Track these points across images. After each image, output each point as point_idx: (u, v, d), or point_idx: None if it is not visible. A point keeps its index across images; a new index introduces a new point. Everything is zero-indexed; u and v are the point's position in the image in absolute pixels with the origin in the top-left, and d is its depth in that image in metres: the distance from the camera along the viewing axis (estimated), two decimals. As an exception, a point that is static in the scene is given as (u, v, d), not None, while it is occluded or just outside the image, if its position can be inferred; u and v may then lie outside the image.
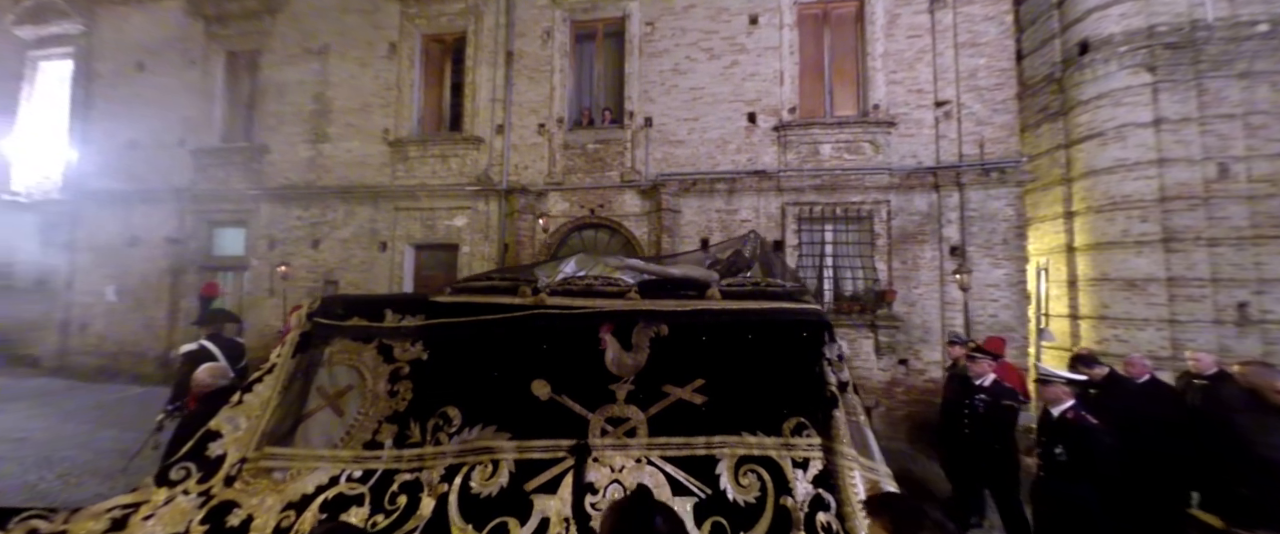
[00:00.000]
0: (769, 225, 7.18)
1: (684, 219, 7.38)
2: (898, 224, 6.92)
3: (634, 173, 7.59)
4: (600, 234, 7.85)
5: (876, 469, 1.84)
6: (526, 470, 1.87)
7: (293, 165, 8.76)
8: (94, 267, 9.26)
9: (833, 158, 7.13)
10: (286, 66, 8.92)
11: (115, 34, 9.65)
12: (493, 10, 8.23)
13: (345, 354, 2.21)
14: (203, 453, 1.99)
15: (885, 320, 6.63)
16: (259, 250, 8.73)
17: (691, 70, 7.56)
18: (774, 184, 7.16)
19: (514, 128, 8.02)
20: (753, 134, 7.35)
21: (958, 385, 4.07)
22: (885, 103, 7.07)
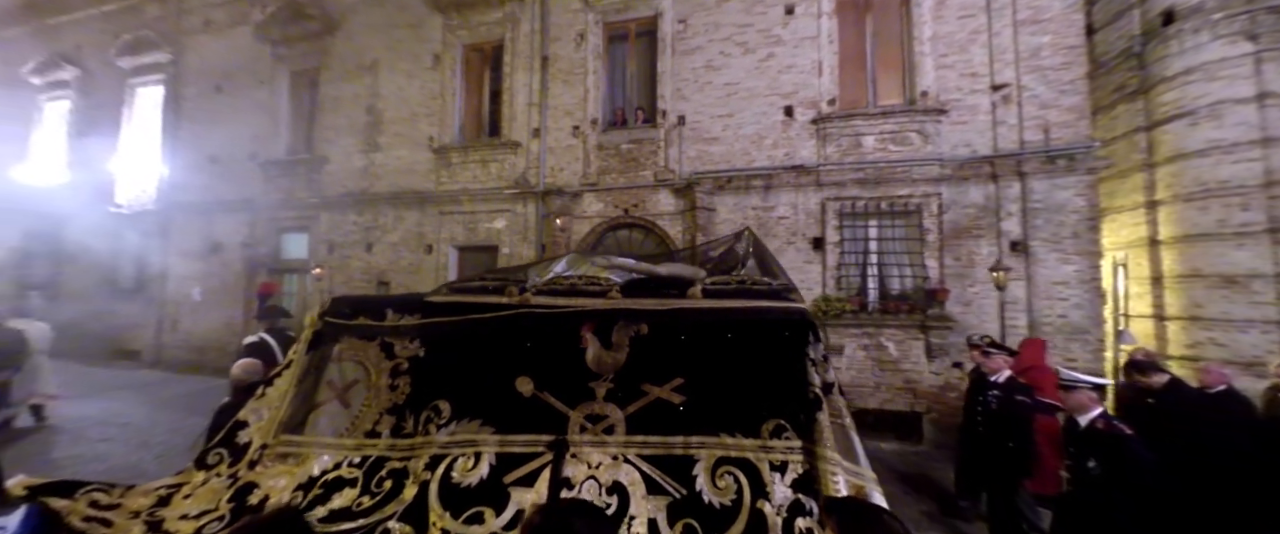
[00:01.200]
0: (808, 222, 6.81)
1: (719, 217, 7.12)
2: (950, 218, 6.36)
3: (668, 172, 7.41)
4: (635, 234, 7.73)
5: (862, 474, 1.75)
6: (506, 463, 1.90)
7: (348, 174, 9.20)
8: (182, 270, 10.11)
9: (877, 149, 6.66)
10: (342, 82, 9.37)
11: (197, 60, 10.50)
12: (528, 17, 8.28)
13: (352, 351, 2.31)
14: (233, 440, 2.16)
15: (937, 321, 6.11)
16: (320, 254, 9.23)
17: (725, 66, 7.29)
18: (813, 179, 6.77)
19: (549, 131, 8.04)
20: (790, 128, 6.99)
21: (974, 383, 3.90)
22: (935, 89, 6.51)
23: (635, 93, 7.96)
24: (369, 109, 9.11)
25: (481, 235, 8.28)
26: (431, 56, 8.78)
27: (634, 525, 1.70)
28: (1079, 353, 5.83)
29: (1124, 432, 2.40)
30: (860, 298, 6.63)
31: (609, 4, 7.86)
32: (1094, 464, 2.39)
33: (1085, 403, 2.55)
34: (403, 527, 1.75)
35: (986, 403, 3.53)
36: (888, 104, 6.77)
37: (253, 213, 9.69)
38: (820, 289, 6.68)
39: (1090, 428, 2.48)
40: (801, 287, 6.73)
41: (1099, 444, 2.42)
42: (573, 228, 7.76)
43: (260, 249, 9.66)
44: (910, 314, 6.30)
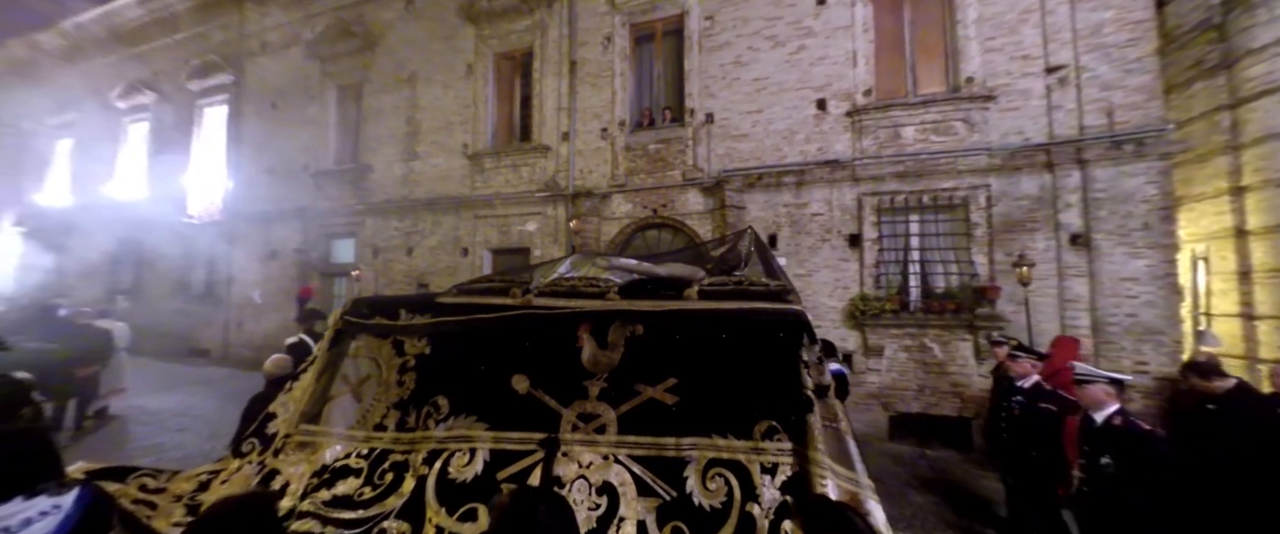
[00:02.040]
0: (844, 218, 6.47)
1: (749, 215, 6.88)
2: (1000, 211, 5.88)
3: (696, 170, 7.23)
4: (663, 234, 7.59)
5: (856, 480, 1.67)
6: (500, 460, 1.91)
7: (390, 182, 9.52)
8: (245, 275, 10.76)
9: (917, 141, 6.24)
10: (383, 94, 9.72)
11: (256, 80, 11.16)
12: (556, 23, 8.30)
13: (367, 348, 2.40)
14: (264, 430, 2.28)
15: (987, 321, 5.65)
16: (365, 258, 9.60)
17: (754, 61, 7.04)
18: (848, 174, 6.43)
19: (578, 134, 8.03)
20: (822, 122, 6.67)
21: (999, 388, 3.72)
22: (981, 75, 6.04)
23: (662, 92, 7.82)
24: (408, 119, 9.40)
25: (514, 238, 8.37)
26: (465, 66, 8.95)
27: (623, 527, 1.67)
28: (1151, 356, 5.24)
29: (1142, 429, 2.26)
30: (901, 297, 6.23)
31: (635, 5, 7.76)
32: (1108, 461, 2.26)
33: (1101, 398, 2.40)
34: (400, 524, 1.77)
35: (1010, 408, 3.35)
36: (929, 93, 6.34)
37: (305, 220, 10.19)
38: (857, 287, 6.32)
39: (1107, 425, 2.35)
40: (837, 285, 6.42)
41: (1116, 442, 2.28)
42: (601, 229, 7.71)
43: (312, 254, 10.14)
44: (957, 314, 5.86)
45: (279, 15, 10.88)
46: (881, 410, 6.16)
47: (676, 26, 7.60)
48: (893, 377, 6.11)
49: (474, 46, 8.89)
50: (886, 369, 6.15)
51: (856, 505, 1.59)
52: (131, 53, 12.91)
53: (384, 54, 9.73)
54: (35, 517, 1.41)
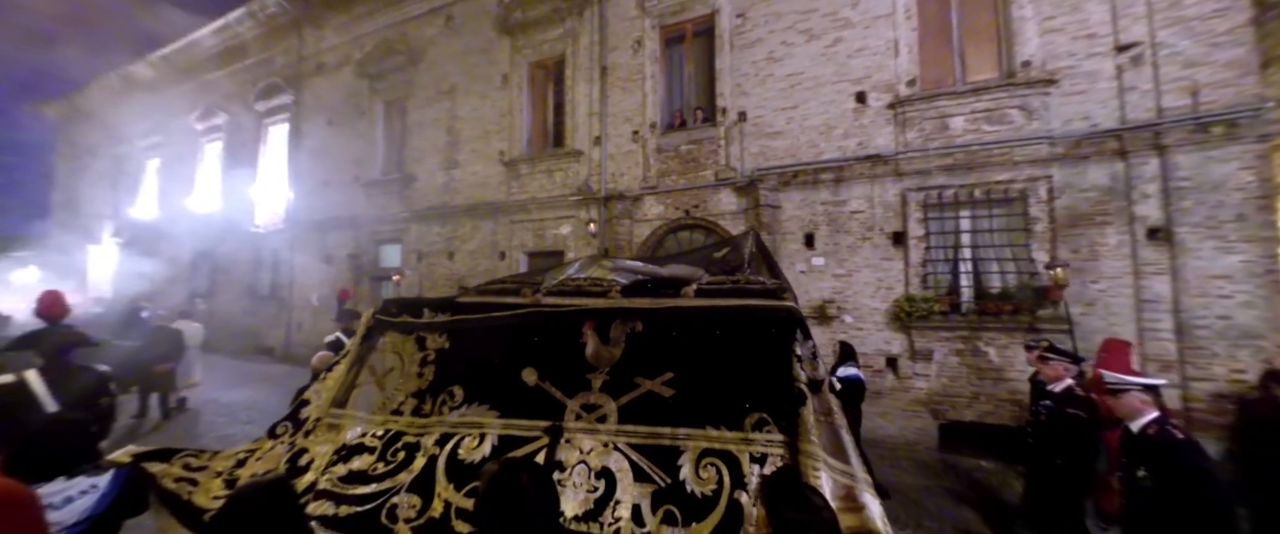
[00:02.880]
0: (886, 215, 6.08)
1: (785, 214, 6.61)
2: (1064, 204, 5.34)
3: (729, 170, 7.02)
4: (696, 234, 7.42)
5: (852, 474, 1.68)
6: (507, 444, 2.01)
7: (432, 190, 9.83)
8: (304, 279, 11.41)
9: (967, 131, 5.79)
10: (426, 107, 10.06)
11: (313, 99, 11.84)
12: (587, 30, 8.32)
13: (393, 343, 2.55)
14: (297, 415, 2.47)
15: (1051, 323, 5.15)
16: (411, 262, 9.95)
17: (788, 56, 6.76)
18: (891, 168, 6.04)
19: (609, 138, 7.99)
20: (862, 115, 6.31)
21: (1033, 393, 3.54)
22: (1040, 57, 5.53)
23: (693, 93, 7.66)
24: (448, 129, 9.68)
25: (549, 241, 8.42)
26: (500, 77, 9.12)
27: (618, 509, 1.74)
28: (1249, 362, 4.60)
29: (1175, 437, 2.10)
30: (951, 297, 5.79)
31: (665, 7, 7.65)
32: (1144, 474, 2.13)
33: (1137, 407, 2.23)
34: (411, 498, 1.87)
35: (1037, 414, 3.16)
36: (980, 80, 5.87)
37: (356, 227, 10.69)
38: (902, 288, 5.93)
39: (1142, 435, 2.20)
40: (880, 286, 6.04)
41: (1150, 452, 2.14)
42: (633, 231, 7.62)
43: (362, 259, 10.62)
44: (1015, 315, 5.37)
45: (332, 38, 11.50)
46: (930, 418, 5.73)
47: (707, 26, 7.43)
48: (943, 382, 5.67)
49: (509, 57, 9.04)
50: (936, 374, 5.72)
51: (852, 499, 1.61)
52: (208, 79, 14.02)
53: (426, 69, 10.07)
54: (75, 495, 1.59)
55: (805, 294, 6.39)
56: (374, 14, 10.83)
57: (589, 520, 1.72)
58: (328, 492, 1.95)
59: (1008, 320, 5.38)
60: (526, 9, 8.77)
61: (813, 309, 6.31)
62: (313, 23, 11.78)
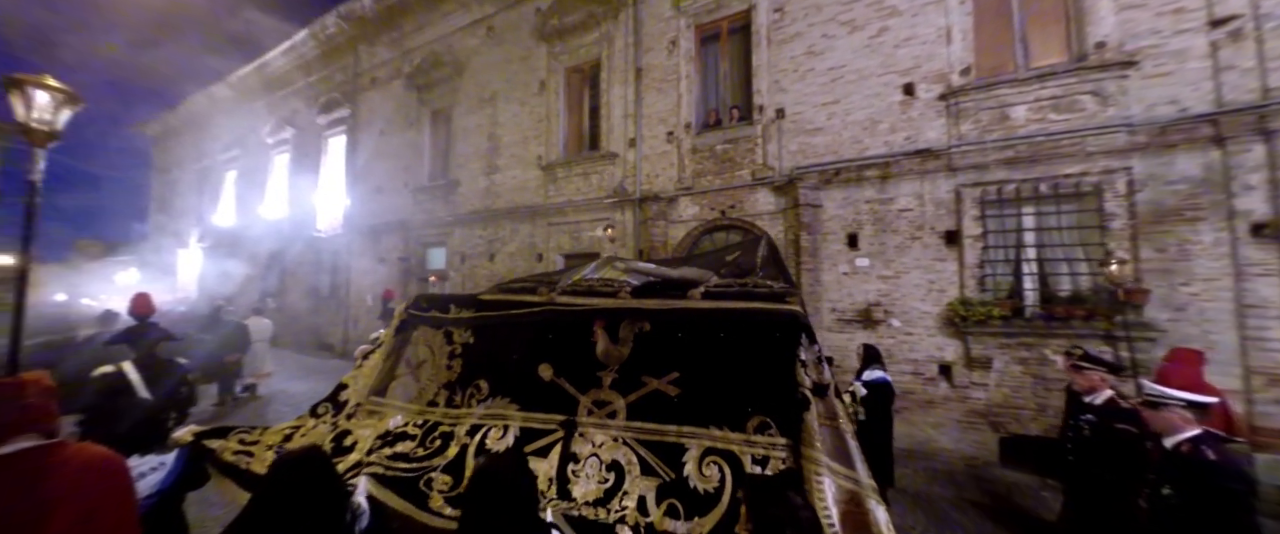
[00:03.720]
0: (938, 213, 5.67)
1: (826, 214, 6.30)
2: (1147, 198, 4.77)
3: (766, 169, 6.78)
4: (732, 235, 7.21)
5: (856, 479, 1.66)
6: (528, 436, 2.12)
7: (474, 194, 10.13)
8: (360, 280, 12.06)
9: (1031, 121, 5.29)
10: (469, 115, 10.39)
11: (367, 111, 12.52)
12: (622, 32, 8.30)
13: (424, 336, 2.70)
14: (336, 398, 2.68)
15: (1134, 330, 4.61)
16: (455, 264, 10.29)
17: (829, 49, 6.45)
18: (943, 163, 5.62)
19: (644, 139, 7.92)
20: (910, 108, 5.92)
21: (1069, 404, 3.22)
22: (1116, 37, 4.97)
23: (729, 91, 7.47)
24: (489, 136, 9.94)
25: (585, 243, 8.46)
26: (538, 83, 9.27)
27: (625, 501, 1.80)
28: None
29: (1206, 456, 1.97)
30: (1012, 301, 5.31)
31: (700, 6, 7.50)
32: (1169, 492, 2.03)
33: (1176, 424, 2.11)
34: (444, 476, 2.01)
35: (1078, 428, 2.88)
36: (1045, 65, 5.35)
37: (406, 231, 11.18)
38: (957, 291, 5.50)
39: (1174, 451, 2.10)
40: (932, 288, 5.63)
41: (1178, 470, 2.04)
42: (669, 232, 7.51)
43: (411, 261, 11.10)
44: (1089, 321, 4.85)
45: (384, 53, 12.11)
46: (990, 431, 5.28)
47: (743, 23, 7.22)
48: (1004, 393, 5.21)
49: (546, 63, 9.17)
50: (995, 384, 5.27)
51: (857, 505, 1.60)
52: (277, 96, 15.14)
53: (469, 78, 10.40)
54: (146, 471, 1.83)
55: (849, 297, 6.06)
56: (422, 29, 11.31)
57: (599, 507, 1.81)
58: (376, 463, 2.11)
59: (1080, 326, 4.87)
60: (563, 15, 8.87)
61: (857, 313, 5.97)
62: (367, 40, 12.45)
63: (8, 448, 1.34)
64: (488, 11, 10.08)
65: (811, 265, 6.22)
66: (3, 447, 1.34)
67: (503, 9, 9.87)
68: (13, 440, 1.35)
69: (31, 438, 1.37)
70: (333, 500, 1.41)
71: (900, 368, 5.72)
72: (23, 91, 3.55)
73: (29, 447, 1.36)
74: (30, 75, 3.60)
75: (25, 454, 1.35)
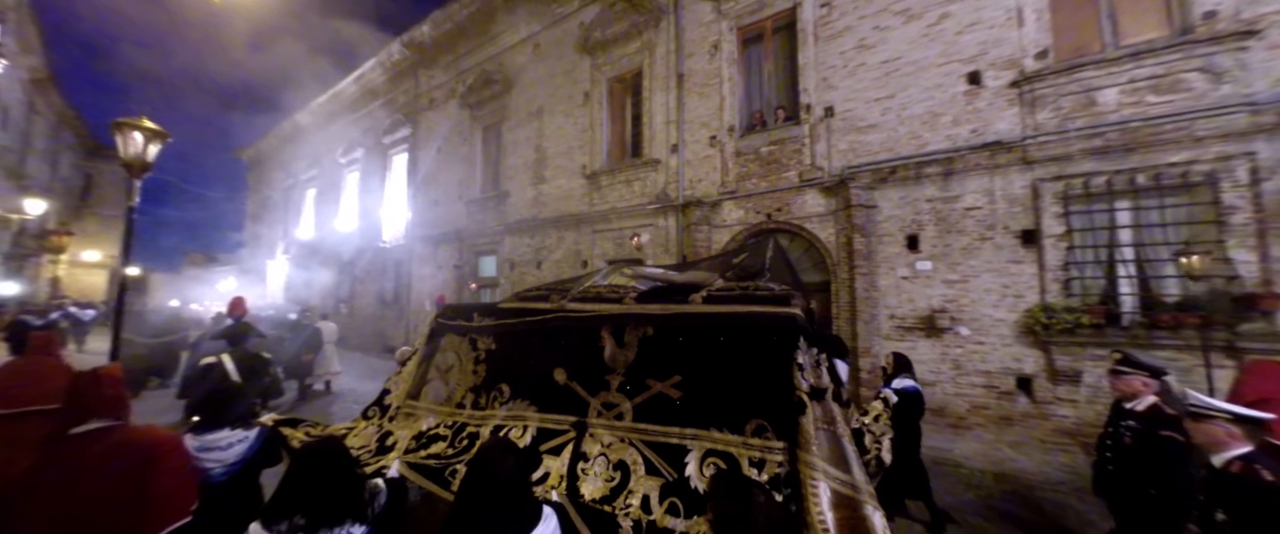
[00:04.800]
0: (1012, 210, 5.13)
1: (882, 214, 5.89)
2: (1276, 188, 4.07)
3: (815, 170, 6.46)
4: (779, 239, 6.93)
5: (853, 484, 1.66)
6: (543, 435, 2.23)
7: (522, 204, 10.45)
8: (420, 287, 12.77)
9: (1124, 105, 4.68)
10: (517, 129, 10.76)
11: (426, 130, 13.32)
12: (664, 40, 8.28)
13: (452, 343, 2.86)
14: (382, 402, 2.87)
15: (1263, 338, 3.91)
16: (504, 271, 10.64)
17: (882, 42, 6.08)
18: (1017, 156, 5.09)
19: (686, 144, 7.82)
20: (976, 99, 5.43)
21: (1111, 411, 2.97)
22: (1230, 5, 4.30)
23: (774, 92, 7.23)
24: (536, 148, 10.23)
25: (628, 249, 8.45)
26: (582, 95, 9.44)
27: (630, 498, 1.86)
28: None
29: (1263, 478, 1.81)
30: (1105, 307, 4.69)
31: (743, 7, 7.34)
32: (1223, 518, 1.87)
33: (1221, 438, 1.97)
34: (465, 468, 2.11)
35: (1119, 436, 2.67)
36: (1139, 41, 4.73)
37: (460, 241, 11.72)
38: (1036, 295, 4.94)
39: (1225, 471, 1.94)
40: (1006, 293, 5.09)
41: (1231, 491, 1.87)
42: (712, 237, 7.35)
43: (465, 269, 11.61)
44: (1205, 329, 4.17)
45: (441, 75, 12.85)
46: (1082, 452, 4.66)
47: (788, 21, 6.97)
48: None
49: (589, 75, 9.33)
50: (1086, 400, 4.66)
51: (853, 510, 1.60)
52: (349, 119, 16.47)
53: (517, 94, 10.79)
54: (235, 441, 2.16)
55: (909, 302, 5.61)
56: (474, 51, 11.90)
57: (606, 503, 1.88)
58: (412, 463, 2.31)
59: (1192, 336, 4.20)
60: (605, 27, 9.00)
61: (919, 320, 5.52)
62: (426, 65, 13.28)
63: (86, 427, 1.61)
64: (534, 29, 10.43)
65: (866, 269, 5.83)
66: (82, 426, 1.61)
67: (548, 26, 10.18)
68: (89, 421, 1.62)
69: (105, 419, 1.64)
70: (348, 482, 1.57)
71: (970, 380, 5.21)
72: (124, 133, 4.14)
73: (101, 426, 1.63)
74: (130, 119, 4.21)
75: (99, 432, 1.61)
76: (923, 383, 5.45)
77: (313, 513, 1.44)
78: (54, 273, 16.53)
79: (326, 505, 1.48)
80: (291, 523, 1.42)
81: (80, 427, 1.59)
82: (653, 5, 8.34)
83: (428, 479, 2.09)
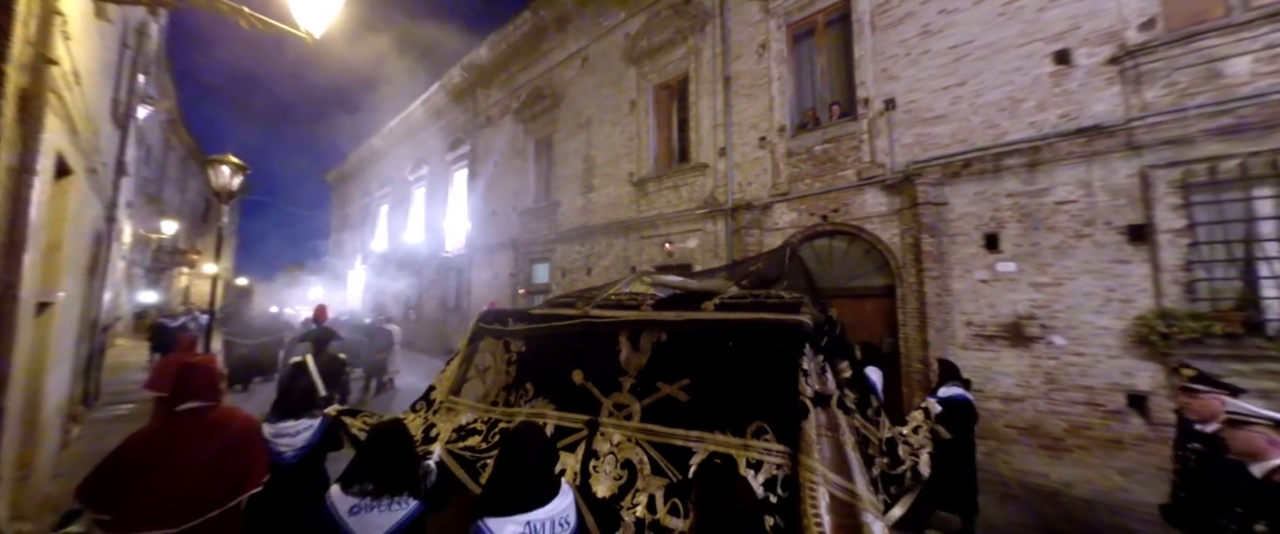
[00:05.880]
0: (1114, 204, 4.48)
1: (954, 212, 5.38)
2: None
3: (875, 167, 6.05)
4: (836, 242, 6.54)
5: (853, 491, 1.66)
6: (560, 432, 2.35)
7: (573, 213, 10.69)
8: (478, 293, 13.43)
9: (1260, 75, 3.95)
10: (567, 140, 11.07)
11: (484, 146, 14.06)
12: (710, 44, 8.18)
13: (489, 345, 3.07)
14: (428, 396, 3.16)
15: None
16: (556, 278, 10.91)
17: (949, 25, 5.59)
18: (1120, 141, 4.45)
19: (735, 147, 7.63)
20: (1066, 79, 4.83)
21: (1180, 432, 2.70)
22: None
23: (827, 88, 6.88)
24: (585, 158, 10.45)
25: (677, 255, 8.37)
26: (628, 104, 9.53)
27: (636, 497, 1.92)
28: None
29: None
30: (1243, 313, 3.95)
31: (792, 3, 7.08)
32: (1264, 529, 1.70)
33: (1262, 446, 1.81)
34: None
35: (1185, 459, 2.51)
36: (1278, 0, 3.99)
37: (515, 249, 12.20)
38: (1150, 300, 4.27)
39: (1266, 481, 1.78)
40: (1110, 298, 4.45)
41: (1274, 501, 1.71)
42: (763, 241, 7.08)
43: (519, 277, 12.05)
44: (1391, 342, 3.38)
45: (497, 94, 13.54)
46: (1218, 485, 3.92)
47: (841, 13, 6.63)
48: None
49: (635, 84, 9.41)
50: (1223, 423, 3.92)
51: (853, 517, 1.61)
52: (416, 140, 17.79)
53: (567, 107, 11.11)
54: (302, 429, 2.51)
55: (990, 308, 5.07)
56: (527, 68, 12.44)
57: (614, 502, 1.96)
58: (451, 453, 2.48)
59: (1373, 349, 3.42)
60: (651, 36, 9.05)
61: (1001, 327, 4.96)
62: (484, 85, 14.06)
63: (188, 405, 1.96)
64: (583, 43, 10.72)
65: (937, 272, 5.34)
66: (185, 404, 1.96)
67: (595, 40, 10.41)
68: (190, 401, 1.97)
69: (202, 400, 1.99)
70: (408, 459, 1.84)
71: (1068, 395, 4.59)
72: (216, 167, 5.16)
73: (200, 405, 1.99)
74: (219, 156, 5.18)
75: (198, 410, 1.98)
76: (1010, 397, 4.90)
77: (380, 482, 1.70)
78: (184, 283, 19.15)
79: (391, 477, 1.73)
80: (363, 487, 1.68)
81: (182, 405, 1.96)
82: (698, 10, 8.28)
83: (462, 469, 2.22)
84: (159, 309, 16.90)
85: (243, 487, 1.94)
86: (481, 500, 1.58)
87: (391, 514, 1.67)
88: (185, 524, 1.75)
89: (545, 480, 1.61)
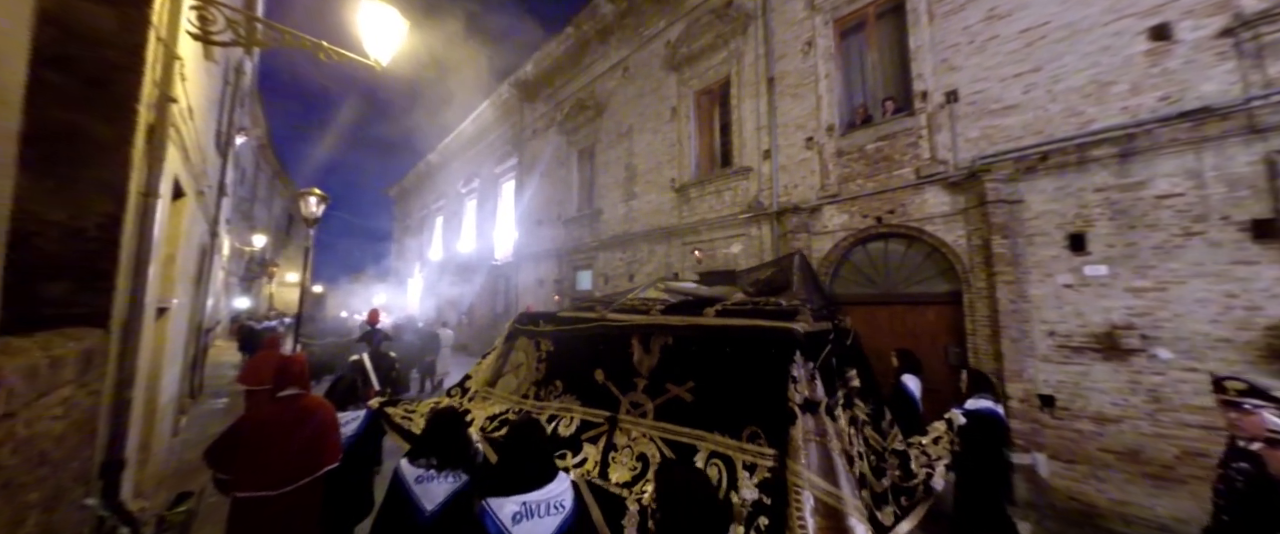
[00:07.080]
0: (1233, 196, 3.88)
1: (1030, 210, 4.89)
2: None
3: (936, 164, 5.63)
4: (893, 245, 6.14)
5: (839, 497, 1.72)
6: (584, 426, 2.55)
7: (615, 220, 10.80)
8: (525, 298, 13.83)
9: None
10: (609, 149, 11.23)
11: (529, 157, 14.57)
12: (751, 46, 8.01)
13: (523, 344, 3.34)
14: (463, 385, 3.53)
15: None
16: (599, 284, 11.04)
17: (1019, 9, 5.12)
18: (1240, 124, 3.85)
19: (780, 149, 7.40)
20: (1165, 58, 4.26)
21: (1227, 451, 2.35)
22: None
23: (880, 83, 6.52)
24: (626, 166, 10.54)
25: (720, 260, 8.20)
26: (669, 111, 9.52)
27: (646, 486, 2.02)
28: None
29: None
30: None
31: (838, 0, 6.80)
32: None
33: None
34: None
35: (1230, 480, 2.18)
36: None
37: (559, 257, 12.49)
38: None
39: None
40: (1230, 305, 3.85)
41: None
42: (811, 245, 6.78)
43: (563, 283, 12.30)
44: None
45: (541, 107, 14.01)
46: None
47: (894, 4, 6.27)
48: None
49: (676, 91, 9.39)
50: (1393, 455, 3.23)
51: (838, 522, 1.68)
52: (468, 154, 18.76)
53: (608, 117, 11.29)
54: (351, 419, 2.77)
55: (1076, 316, 4.54)
56: (570, 82, 12.78)
57: (627, 489, 2.10)
58: (485, 438, 2.68)
59: None
60: (691, 42, 9.01)
61: (1091, 337, 4.42)
62: (529, 99, 14.60)
63: (286, 392, 2.38)
64: (624, 54, 10.87)
65: (1011, 277, 4.87)
66: (285, 391, 2.38)
67: (636, 49, 10.53)
68: (288, 389, 2.39)
69: (298, 388, 2.42)
70: (462, 439, 2.12)
71: (1177, 417, 4.00)
72: (304, 199, 6.30)
73: (295, 393, 2.40)
74: (306, 189, 6.30)
75: (293, 397, 2.39)
76: (1104, 417, 4.37)
77: (440, 457, 1.99)
78: (270, 291, 21.26)
79: (448, 453, 2.01)
80: (428, 462, 1.97)
81: (281, 392, 2.38)
82: (738, 12, 8.15)
83: (495, 453, 2.43)
84: (248, 313, 18.83)
85: (324, 462, 2.32)
86: (484, 483, 1.78)
87: (448, 485, 1.94)
88: (283, 488, 2.14)
89: (541, 466, 1.76)
